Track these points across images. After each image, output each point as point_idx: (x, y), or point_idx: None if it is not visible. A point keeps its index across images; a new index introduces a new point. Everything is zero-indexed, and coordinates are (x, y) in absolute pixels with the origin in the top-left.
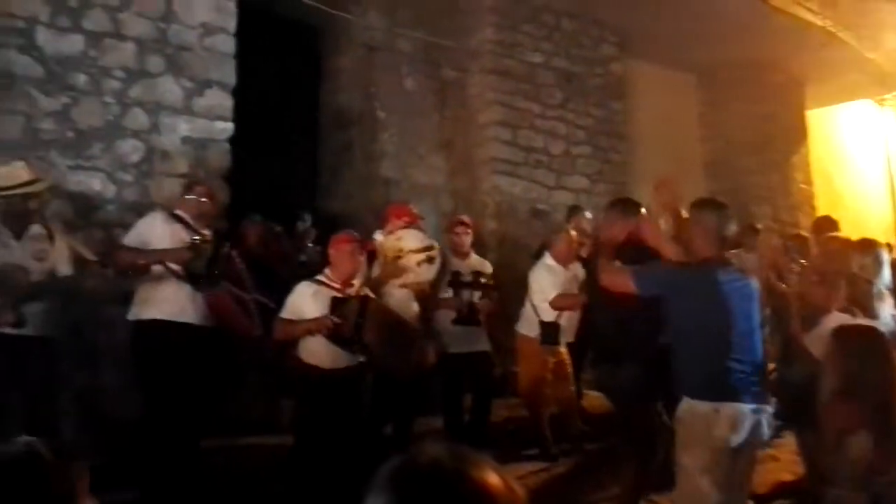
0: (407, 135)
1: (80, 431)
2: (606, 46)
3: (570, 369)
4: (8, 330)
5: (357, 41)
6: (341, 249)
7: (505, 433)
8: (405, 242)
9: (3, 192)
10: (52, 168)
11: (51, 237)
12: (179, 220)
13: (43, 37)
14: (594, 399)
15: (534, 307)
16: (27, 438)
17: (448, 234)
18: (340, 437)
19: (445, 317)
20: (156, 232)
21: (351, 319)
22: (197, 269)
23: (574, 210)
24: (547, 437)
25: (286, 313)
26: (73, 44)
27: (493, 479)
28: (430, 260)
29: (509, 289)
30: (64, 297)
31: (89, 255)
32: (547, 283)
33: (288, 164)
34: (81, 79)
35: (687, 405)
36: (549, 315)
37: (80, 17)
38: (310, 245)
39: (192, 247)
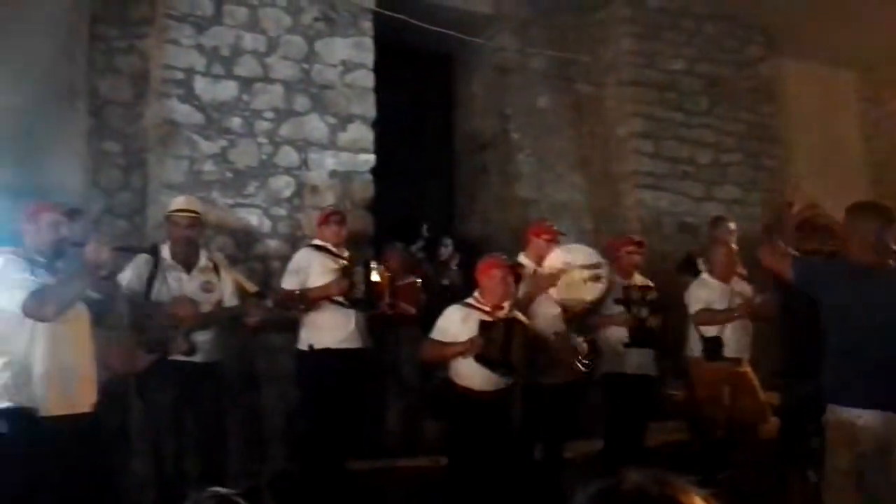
0: (543, 154)
1: (244, 453)
2: (753, 47)
3: (754, 382)
4: (181, 357)
5: (489, 64)
6: (491, 275)
7: (663, 458)
8: (573, 256)
9: (169, 216)
10: (214, 207)
11: (216, 270)
12: (323, 249)
13: (200, 85)
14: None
15: (695, 325)
16: (216, 488)
17: (616, 253)
18: (492, 459)
19: (614, 335)
20: (312, 267)
21: (498, 342)
22: (357, 294)
23: (717, 221)
24: (712, 460)
25: (436, 335)
26: (228, 90)
27: (699, 502)
28: (596, 279)
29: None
30: (229, 326)
31: (251, 287)
32: (697, 298)
33: (424, 191)
34: (236, 122)
35: (830, 410)
36: (710, 330)
37: (232, 65)
38: (453, 269)
39: (346, 272)
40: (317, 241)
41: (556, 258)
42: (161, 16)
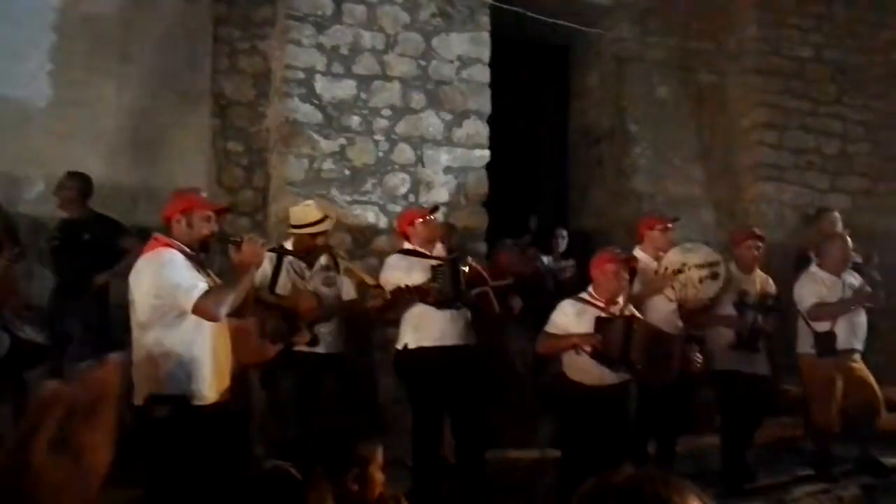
0: (661, 146)
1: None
2: (886, 31)
3: (867, 374)
4: (304, 348)
5: (606, 55)
6: (605, 270)
7: (777, 453)
8: (691, 255)
9: (296, 230)
10: (333, 204)
11: (336, 265)
12: (412, 253)
13: (320, 84)
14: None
15: (805, 320)
16: (275, 461)
17: (736, 247)
18: (604, 453)
19: (722, 336)
20: (400, 272)
21: (617, 340)
22: (446, 294)
23: (822, 213)
24: (828, 456)
25: (550, 328)
26: (347, 88)
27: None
28: (713, 276)
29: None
30: (349, 318)
31: (370, 280)
32: (809, 292)
33: (538, 185)
34: (355, 120)
35: None
36: (823, 325)
37: (351, 63)
38: (566, 264)
39: (433, 277)
40: (406, 246)
41: (673, 258)
42: (282, 17)
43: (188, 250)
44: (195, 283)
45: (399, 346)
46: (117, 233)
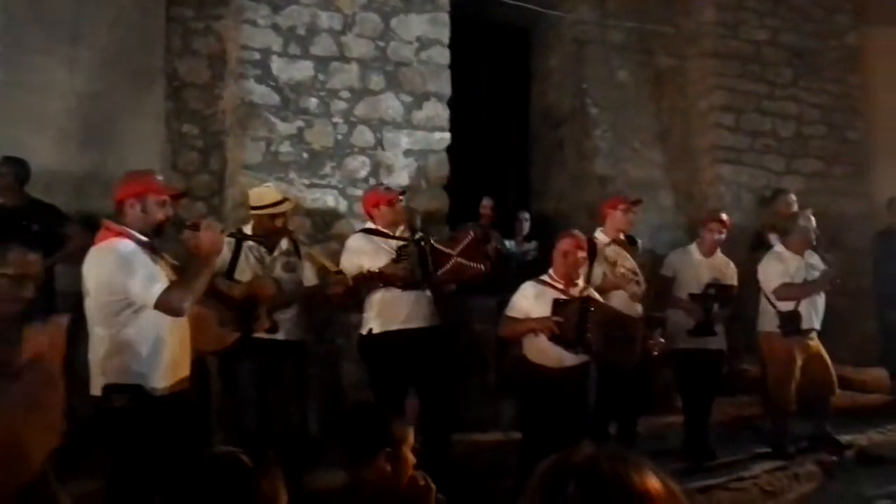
0: (621, 129)
1: (325, 425)
2: (841, 15)
3: (824, 354)
4: (264, 335)
5: (566, 38)
6: (562, 251)
7: (735, 432)
8: (621, 261)
9: (255, 212)
10: (291, 187)
11: (297, 250)
12: (375, 232)
13: (277, 66)
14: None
15: (769, 299)
16: (227, 448)
17: (701, 228)
18: (566, 435)
19: (680, 318)
20: (364, 254)
21: (572, 321)
22: (415, 275)
23: (779, 193)
24: (785, 434)
25: (511, 311)
26: (304, 70)
27: (653, 481)
28: (637, 283)
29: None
30: (310, 304)
31: (332, 266)
32: (775, 272)
33: (500, 168)
34: (312, 102)
35: None
36: (786, 304)
37: (308, 44)
38: (528, 245)
39: (398, 258)
40: (369, 225)
41: (609, 255)
42: None
43: (141, 237)
44: (154, 278)
45: (363, 332)
46: (57, 220)
